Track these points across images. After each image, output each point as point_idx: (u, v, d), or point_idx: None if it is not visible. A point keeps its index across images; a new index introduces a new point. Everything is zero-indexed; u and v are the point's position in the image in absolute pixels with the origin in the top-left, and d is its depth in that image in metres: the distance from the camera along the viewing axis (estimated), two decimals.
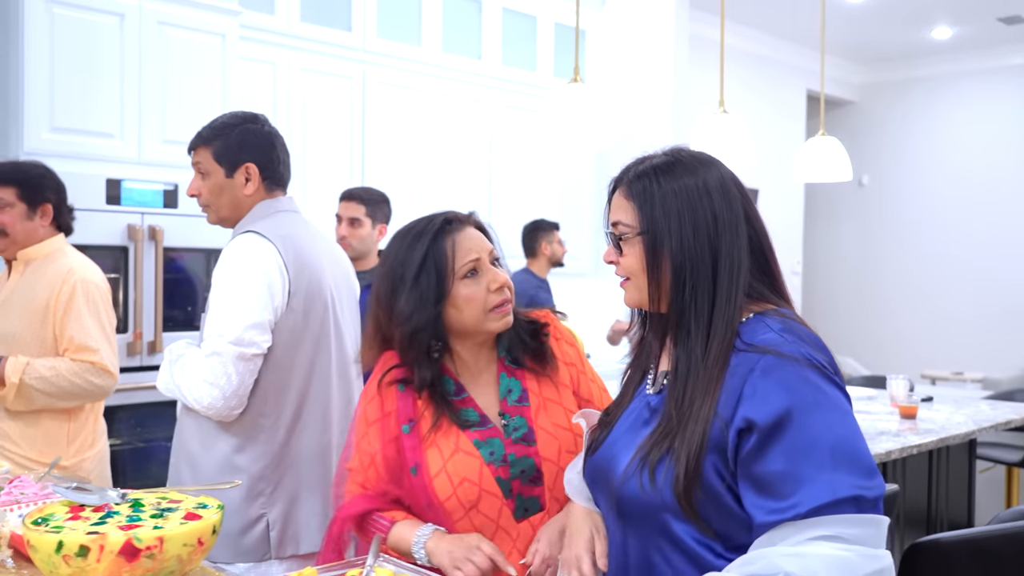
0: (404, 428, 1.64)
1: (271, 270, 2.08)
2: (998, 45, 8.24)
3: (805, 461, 1.20)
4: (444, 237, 1.64)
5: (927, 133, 8.77)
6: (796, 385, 1.23)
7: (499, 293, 1.64)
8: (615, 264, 1.41)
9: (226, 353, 2.02)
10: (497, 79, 5.32)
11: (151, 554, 1.47)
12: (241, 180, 2.19)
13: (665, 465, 1.27)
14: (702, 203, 1.33)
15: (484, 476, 1.60)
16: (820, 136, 4.27)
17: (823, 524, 1.18)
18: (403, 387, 1.67)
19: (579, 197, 5.80)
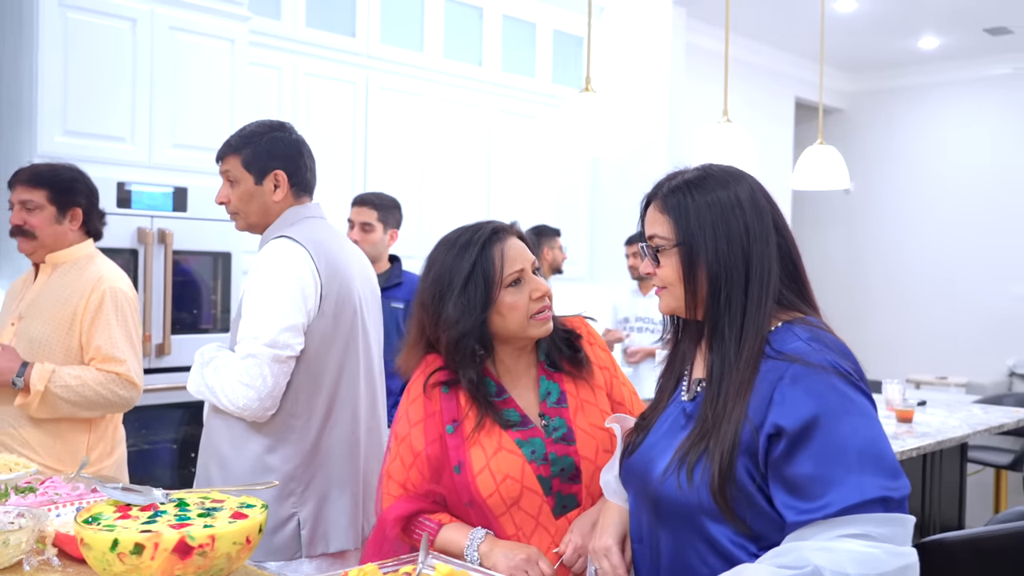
0: (448, 428, 1.71)
1: (305, 274, 2.13)
2: (984, 55, 8.37)
3: (834, 464, 1.27)
4: (492, 247, 1.70)
5: (913, 141, 8.90)
6: (823, 392, 1.30)
7: (540, 301, 1.71)
8: (652, 275, 1.48)
9: (262, 355, 2.07)
10: (497, 85, 5.39)
11: (203, 552, 1.52)
12: (270, 187, 2.24)
13: (702, 465, 1.34)
14: (734, 215, 1.39)
15: (526, 474, 1.67)
16: (818, 145, 4.35)
17: (852, 523, 1.25)
18: (447, 389, 1.73)
19: (575, 202, 5.87)
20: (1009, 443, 4.60)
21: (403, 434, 1.76)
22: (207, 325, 3.88)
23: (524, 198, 5.55)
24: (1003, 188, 8.42)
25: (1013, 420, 3.86)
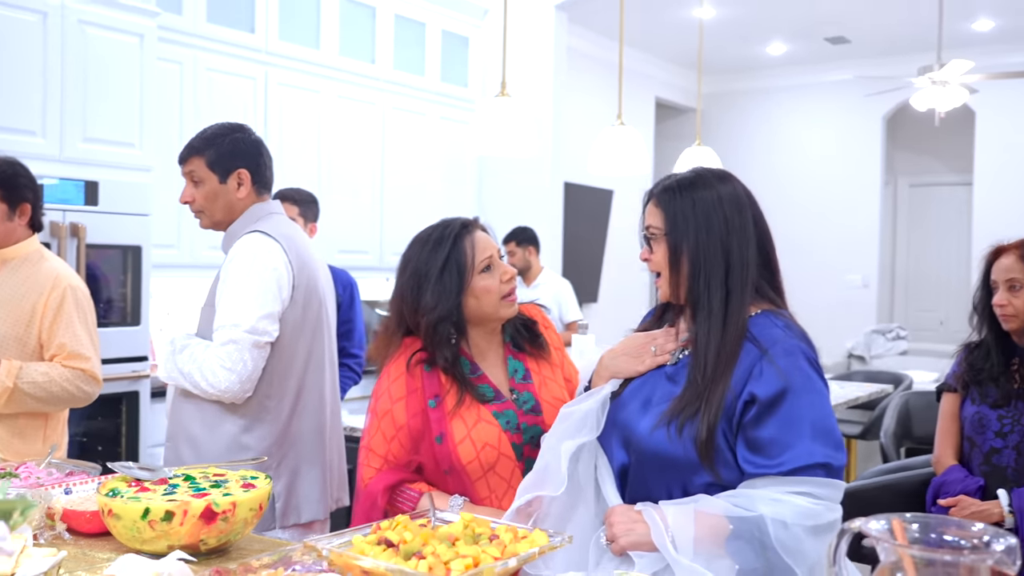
0: (430, 403, 1.93)
1: (279, 266, 2.30)
2: (825, 62, 9.10)
3: (791, 431, 1.56)
4: (463, 239, 1.95)
5: (762, 140, 9.57)
6: (792, 372, 1.59)
7: (509, 283, 1.97)
8: (648, 261, 1.73)
9: (243, 341, 2.23)
10: (389, 83, 5.56)
11: (226, 517, 1.70)
12: (234, 185, 2.39)
13: (692, 424, 1.60)
14: (716, 211, 1.66)
15: (503, 442, 1.92)
16: (696, 146, 4.75)
17: (799, 483, 1.55)
18: (429, 367, 1.96)
19: (463, 199, 6.11)
20: (857, 416, 5.14)
21: (385, 409, 1.97)
22: (117, 319, 3.91)
23: (416, 193, 5.75)
24: (841, 184, 9.20)
25: (867, 394, 4.36)
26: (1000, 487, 2.40)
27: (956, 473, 2.50)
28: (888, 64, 8.55)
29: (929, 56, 7.43)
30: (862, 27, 8.04)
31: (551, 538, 1.49)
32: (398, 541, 1.46)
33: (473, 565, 1.37)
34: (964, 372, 2.58)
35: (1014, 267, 2.42)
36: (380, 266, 5.51)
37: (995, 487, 2.42)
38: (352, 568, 1.43)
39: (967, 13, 7.39)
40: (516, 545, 1.46)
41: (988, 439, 2.46)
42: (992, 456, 2.46)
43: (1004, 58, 8.05)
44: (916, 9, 7.28)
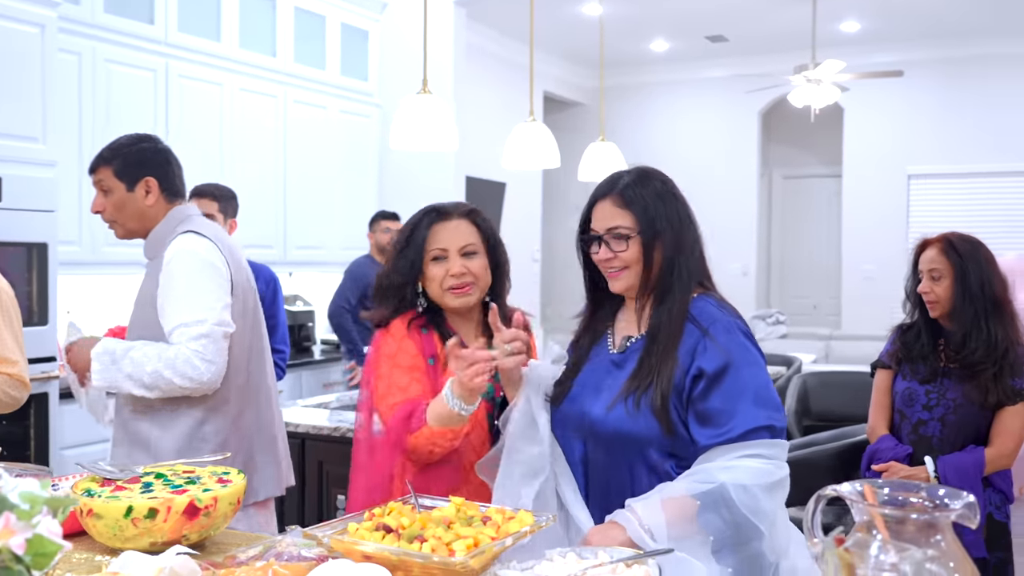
0: (430, 360, 2.04)
1: (218, 262, 2.36)
2: (705, 59, 9.47)
3: (737, 400, 1.71)
4: (427, 226, 2.06)
5: (644, 134, 9.88)
6: (733, 346, 1.74)
7: (457, 278, 2.04)
8: (610, 260, 1.79)
9: (214, 334, 2.28)
10: (290, 76, 5.51)
11: (208, 512, 1.73)
12: (142, 193, 2.42)
13: (647, 396, 1.72)
14: (674, 205, 1.80)
15: (479, 411, 2.01)
16: (600, 142, 4.91)
17: (748, 446, 1.69)
18: (425, 330, 2.07)
19: (365, 192, 6.12)
20: None
21: (387, 371, 2.03)
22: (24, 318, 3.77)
23: (318, 187, 5.73)
24: (721, 177, 9.59)
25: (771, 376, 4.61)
26: (927, 455, 2.66)
27: (887, 442, 2.75)
28: (764, 62, 8.96)
29: (802, 55, 7.84)
30: (740, 27, 8.41)
31: (537, 518, 1.59)
32: (396, 526, 1.53)
33: (474, 545, 1.46)
34: (897, 350, 2.82)
35: (936, 259, 2.68)
36: (284, 260, 5.47)
37: (922, 455, 2.68)
38: (353, 554, 1.49)
39: (836, 15, 7.83)
40: (508, 525, 1.55)
41: (916, 412, 2.71)
42: (920, 427, 2.71)
43: (869, 58, 8.55)
44: (789, 10, 7.66)
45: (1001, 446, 2.61)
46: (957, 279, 2.64)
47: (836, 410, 4.21)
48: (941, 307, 2.68)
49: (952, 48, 8.48)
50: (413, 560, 1.44)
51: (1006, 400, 2.60)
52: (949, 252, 2.66)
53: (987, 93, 8.43)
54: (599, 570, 1.49)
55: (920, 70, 8.37)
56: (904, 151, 8.83)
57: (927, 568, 1.06)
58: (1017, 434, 2.61)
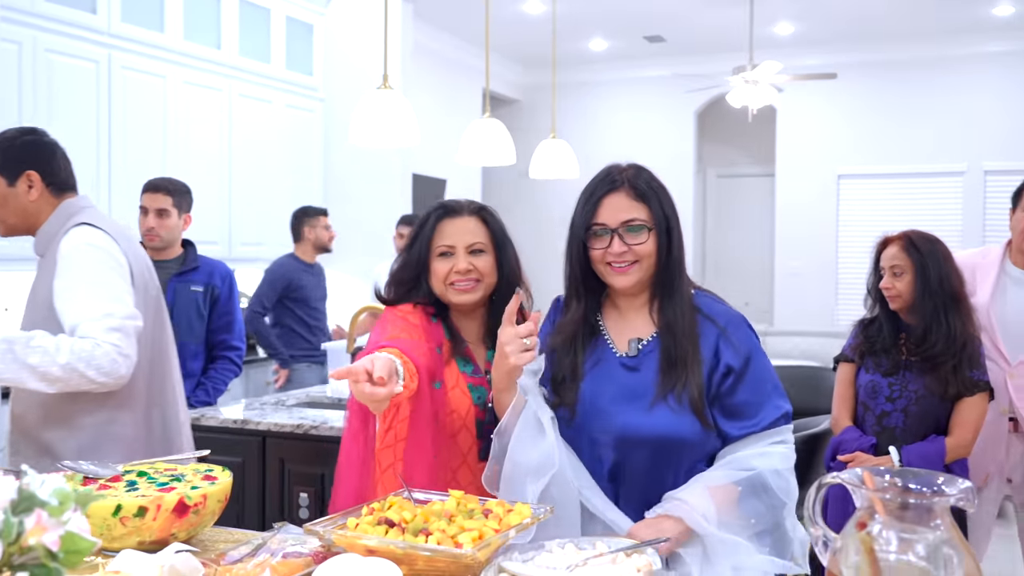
0: (437, 349, 2.02)
1: (118, 255, 2.30)
2: (643, 58, 9.58)
3: (760, 392, 1.77)
4: (436, 222, 2.06)
5: (582, 132, 9.95)
6: (748, 339, 1.80)
7: (462, 275, 2.02)
8: (624, 254, 1.74)
9: (126, 328, 2.22)
10: (235, 69, 5.42)
11: (197, 510, 1.70)
12: (24, 188, 2.34)
13: (686, 392, 1.72)
14: (671, 201, 1.82)
15: (469, 414, 2.00)
16: (551, 139, 4.94)
17: (774, 434, 1.76)
18: (435, 318, 2.07)
19: (310, 187, 6.05)
20: None
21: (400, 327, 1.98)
22: None
23: (263, 182, 5.65)
24: (660, 173, 9.67)
25: None
26: (890, 445, 2.75)
27: (852, 433, 2.83)
28: (700, 63, 9.11)
29: (737, 57, 8.00)
30: (677, 27, 8.53)
31: (535, 510, 1.61)
32: (399, 520, 1.53)
33: (479, 538, 1.47)
34: (860, 344, 2.90)
35: (897, 255, 2.77)
36: (229, 256, 5.37)
37: (886, 445, 2.77)
38: (356, 548, 1.49)
39: (770, 18, 8.00)
40: (509, 517, 1.56)
41: (880, 403, 2.79)
42: (883, 418, 2.80)
43: (801, 60, 8.76)
44: (725, 12, 7.80)
45: (960, 436, 2.72)
46: (918, 275, 2.73)
47: None
48: (902, 301, 2.78)
49: (881, 52, 8.73)
50: (419, 554, 1.44)
51: (965, 391, 2.70)
52: (910, 249, 2.75)
53: (915, 96, 8.71)
54: (600, 560, 1.51)
55: (850, 72, 8.61)
56: (834, 152, 9.07)
57: (943, 551, 1.11)
58: (975, 424, 2.72)
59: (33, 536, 0.93)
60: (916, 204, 8.71)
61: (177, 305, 3.47)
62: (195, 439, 3.13)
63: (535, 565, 1.50)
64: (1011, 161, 8.28)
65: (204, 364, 3.59)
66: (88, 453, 2.22)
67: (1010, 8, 7.58)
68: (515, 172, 9.97)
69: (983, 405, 2.74)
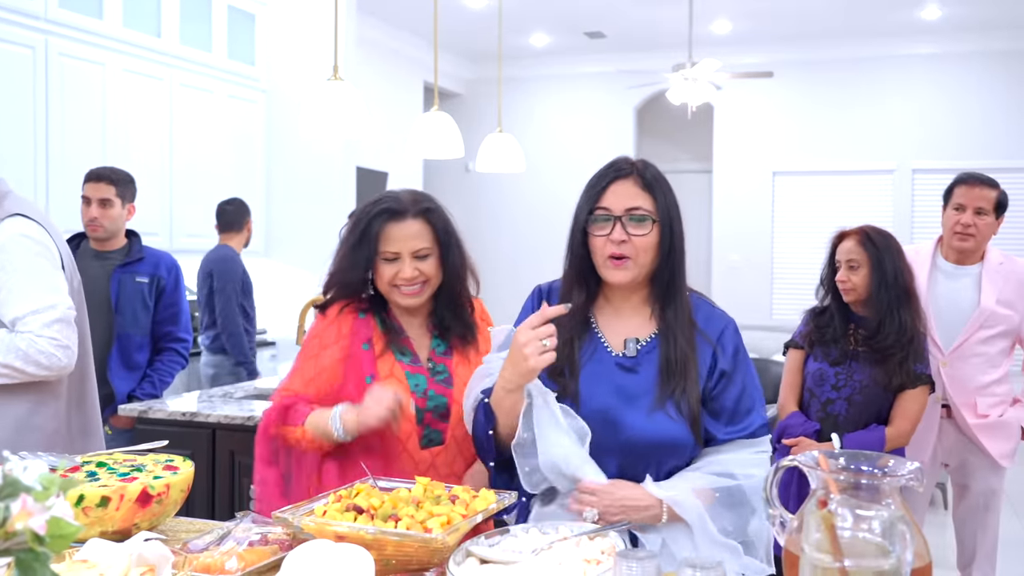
0: (364, 346, 2.03)
1: (50, 245, 2.29)
2: (584, 54, 9.67)
3: (748, 397, 1.77)
4: (379, 226, 2.01)
5: (522, 127, 10.00)
6: (738, 345, 1.80)
7: (406, 281, 2.01)
8: (623, 244, 1.70)
9: (66, 318, 2.23)
10: (176, 58, 5.34)
11: (160, 500, 1.70)
12: None
13: (684, 399, 1.70)
14: (675, 199, 1.78)
15: (407, 402, 1.98)
16: (498, 133, 4.97)
17: (757, 443, 1.76)
18: (363, 314, 2.06)
19: (252, 178, 5.99)
20: None
21: (311, 354, 2.04)
22: None
23: (205, 173, 5.57)
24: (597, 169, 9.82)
25: None
26: (833, 432, 2.84)
27: (797, 418, 2.92)
28: (640, 59, 9.22)
29: (676, 54, 8.12)
30: (617, 24, 8.62)
31: (499, 496, 1.64)
32: (367, 507, 1.55)
33: (447, 523, 1.49)
34: (810, 332, 2.98)
35: (854, 250, 2.85)
36: (170, 248, 5.29)
37: (829, 431, 2.87)
38: (326, 535, 1.50)
39: (708, 16, 8.13)
40: (475, 503, 1.59)
41: (826, 391, 2.88)
42: (828, 406, 2.89)
43: (739, 58, 8.92)
44: (664, 10, 7.91)
45: (900, 426, 2.82)
46: (874, 269, 2.82)
47: None
48: (856, 295, 2.87)
49: (816, 51, 8.94)
50: (388, 539, 1.47)
51: (908, 384, 2.81)
52: (866, 243, 2.84)
53: (848, 95, 8.93)
54: (565, 543, 1.55)
55: (786, 71, 8.80)
56: (770, 149, 9.27)
57: (897, 527, 1.17)
58: (915, 416, 2.83)
59: (20, 521, 0.93)
60: (848, 201, 8.95)
61: (122, 296, 3.42)
62: (143, 432, 3.11)
63: (501, 549, 1.54)
64: (937, 160, 8.56)
65: (150, 356, 3.54)
66: (8, 444, 2.19)
67: (937, 12, 7.83)
68: (457, 165, 9.99)
69: (924, 398, 2.85)
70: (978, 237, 3.06)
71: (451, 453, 2.04)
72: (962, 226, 3.06)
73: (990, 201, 3.05)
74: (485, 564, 1.48)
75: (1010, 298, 3.07)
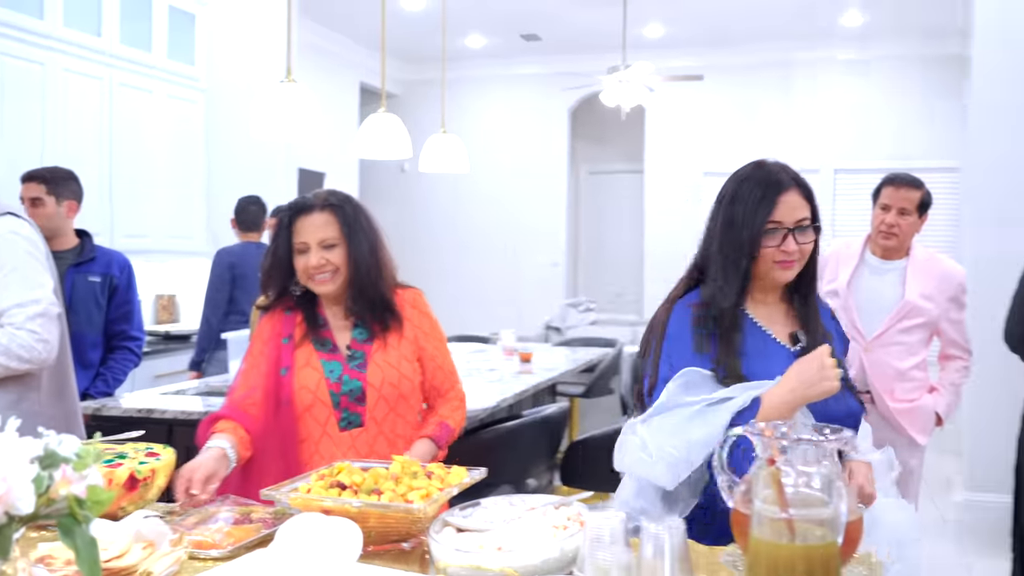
0: (284, 340, 2.22)
1: (39, 243, 2.42)
2: (520, 56, 9.82)
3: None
4: (289, 221, 2.21)
5: (458, 127, 10.10)
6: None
7: (315, 269, 2.18)
8: (794, 252, 1.81)
9: (49, 312, 2.34)
10: (116, 57, 5.33)
11: (147, 484, 1.79)
12: None
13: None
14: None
15: (320, 387, 2.17)
16: (441, 133, 5.08)
17: None
18: (289, 312, 2.25)
19: (192, 179, 6.00)
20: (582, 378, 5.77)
21: (249, 352, 2.26)
22: None
23: (145, 173, 5.57)
24: (533, 172, 10.00)
25: (595, 357, 4.97)
26: None
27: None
28: (574, 62, 9.41)
29: (610, 57, 8.32)
30: (551, 26, 8.80)
31: (470, 472, 1.77)
32: (350, 484, 1.66)
33: (427, 496, 1.62)
34: None
35: None
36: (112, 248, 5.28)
37: None
38: (312, 510, 1.61)
39: (640, 19, 8.35)
40: (450, 477, 1.72)
41: None
42: None
43: (670, 61, 9.16)
44: (597, 13, 8.11)
45: None
46: None
47: None
48: None
49: (744, 55, 9.24)
50: (372, 511, 1.58)
51: None
52: None
53: (774, 98, 9.25)
54: (532, 513, 1.68)
55: (716, 75, 9.07)
56: (700, 150, 9.54)
57: (835, 484, 1.33)
58: None
59: (63, 487, 1.03)
60: None
61: (75, 296, 3.46)
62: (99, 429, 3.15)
63: (475, 519, 1.66)
64: (858, 161, 8.93)
65: (103, 354, 3.58)
66: None
67: (859, 19, 8.17)
68: (393, 166, 10.06)
69: None
70: (901, 236, 3.29)
71: (371, 434, 2.19)
72: (886, 225, 3.28)
73: (913, 202, 3.27)
74: (462, 532, 1.60)
75: (931, 292, 3.30)
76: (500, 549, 1.47)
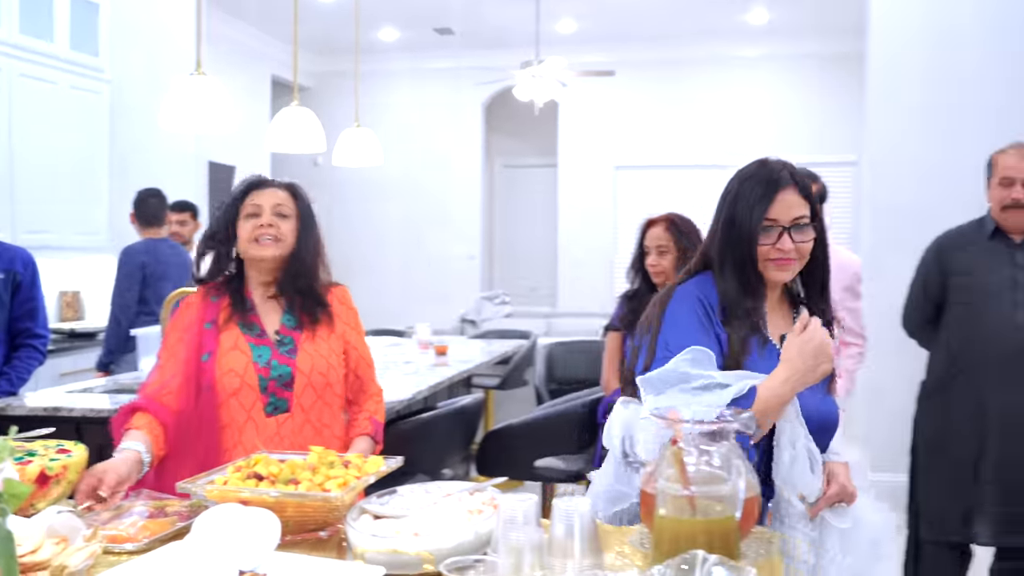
0: (206, 325, 2.17)
1: None
2: (433, 50, 9.83)
3: None
4: (242, 193, 2.23)
5: (372, 120, 10.04)
6: None
7: (262, 230, 2.17)
8: (791, 250, 1.79)
9: None
10: (16, 47, 5.16)
11: (58, 481, 1.77)
12: None
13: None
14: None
15: (248, 371, 2.13)
16: (356, 127, 5.07)
17: None
18: (216, 298, 2.21)
19: (97, 171, 5.85)
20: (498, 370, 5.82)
21: (166, 342, 2.21)
22: None
23: (49, 166, 5.42)
24: (450, 164, 10.03)
25: (510, 349, 5.02)
26: None
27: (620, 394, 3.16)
28: (488, 56, 9.47)
29: (523, 52, 8.40)
30: (465, 20, 8.83)
31: (387, 461, 1.80)
32: (267, 474, 1.67)
33: (344, 484, 1.64)
34: (626, 315, 3.23)
35: (661, 236, 3.13)
36: (13, 244, 5.12)
37: None
38: (229, 501, 1.62)
39: (553, 15, 8.44)
40: (367, 466, 1.75)
41: None
42: None
43: (583, 57, 9.29)
44: (511, 8, 8.17)
45: None
46: (680, 253, 3.10)
47: (576, 374, 4.71)
48: (666, 277, 3.14)
49: (654, 51, 9.42)
50: (289, 500, 1.60)
51: None
52: (672, 230, 3.13)
53: (684, 94, 9.47)
54: (448, 499, 1.72)
55: (627, 70, 9.23)
56: (612, 144, 9.70)
57: (733, 462, 1.41)
58: None
59: None
60: (686, 194, 9.46)
61: None
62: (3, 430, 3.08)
63: (392, 508, 1.70)
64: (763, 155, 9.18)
65: (6, 353, 3.48)
66: None
67: (764, 16, 8.41)
68: (305, 160, 9.95)
69: None
70: None
71: (297, 421, 2.16)
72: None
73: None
74: (379, 519, 1.63)
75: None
76: (417, 535, 1.51)
